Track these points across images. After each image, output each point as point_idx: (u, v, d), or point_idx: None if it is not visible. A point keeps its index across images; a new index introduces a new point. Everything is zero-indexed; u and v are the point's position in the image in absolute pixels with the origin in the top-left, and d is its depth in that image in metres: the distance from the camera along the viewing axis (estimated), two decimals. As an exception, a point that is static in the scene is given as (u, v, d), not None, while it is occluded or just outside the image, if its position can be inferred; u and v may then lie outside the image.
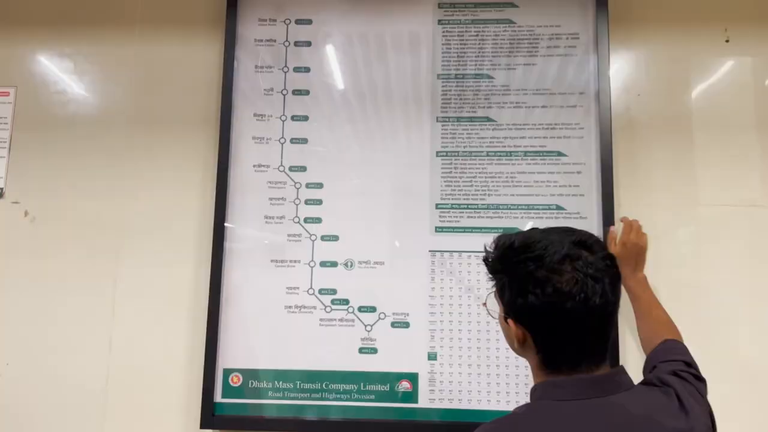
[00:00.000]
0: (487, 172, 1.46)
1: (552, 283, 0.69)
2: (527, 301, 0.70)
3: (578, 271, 0.69)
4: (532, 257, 0.71)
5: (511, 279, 0.74)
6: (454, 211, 1.45)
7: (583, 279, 0.69)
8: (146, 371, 1.46)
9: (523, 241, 0.74)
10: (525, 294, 0.71)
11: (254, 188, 1.49)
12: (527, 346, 0.76)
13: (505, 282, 0.75)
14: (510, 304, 0.74)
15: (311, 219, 1.47)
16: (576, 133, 1.47)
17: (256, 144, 1.51)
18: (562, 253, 0.70)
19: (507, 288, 0.74)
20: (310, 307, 1.44)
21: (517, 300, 0.72)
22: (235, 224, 1.48)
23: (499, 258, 0.76)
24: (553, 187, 1.45)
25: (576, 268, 0.70)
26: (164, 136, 1.57)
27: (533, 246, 0.72)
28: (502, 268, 0.76)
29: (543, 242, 0.72)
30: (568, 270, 0.69)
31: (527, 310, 0.71)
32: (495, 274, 0.78)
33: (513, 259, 0.73)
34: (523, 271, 0.71)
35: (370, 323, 1.42)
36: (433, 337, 1.41)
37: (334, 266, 1.45)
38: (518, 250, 0.73)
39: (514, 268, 0.73)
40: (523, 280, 0.71)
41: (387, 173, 1.48)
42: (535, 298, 0.70)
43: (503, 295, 0.76)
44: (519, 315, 0.74)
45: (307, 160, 1.50)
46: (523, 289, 0.71)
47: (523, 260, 0.72)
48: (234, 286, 1.45)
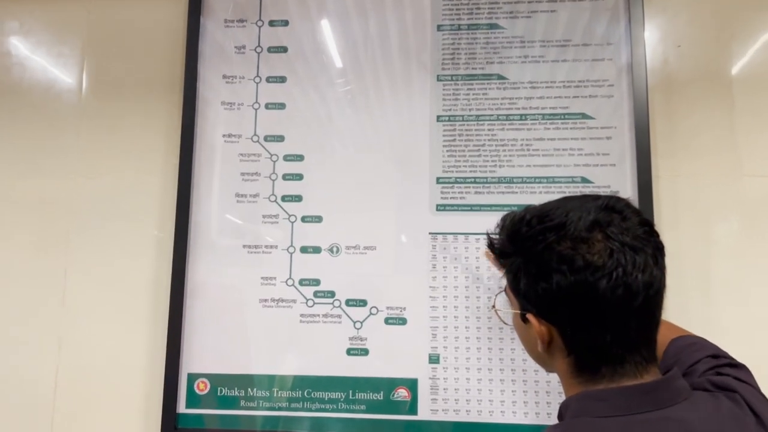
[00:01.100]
0: (498, 140, 1.23)
1: (581, 255, 0.56)
2: (551, 284, 0.57)
3: (612, 240, 0.56)
4: (552, 226, 0.58)
5: (528, 259, 0.60)
6: (459, 186, 1.22)
7: (620, 249, 0.56)
8: (100, 374, 1.26)
9: (538, 211, 0.61)
10: (548, 274, 0.57)
11: (224, 162, 1.27)
12: (555, 348, 0.61)
13: (519, 266, 0.61)
14: (529, 294, 0.60)
15: (290, 197, 1.25)
16: (604, 91, 1.23)
17: (225, 110, 1.29)
18: (589, 220, 0.57)
19: (523, 273, 0.61)
20: (289, 300, 1.22)
21: (537, 285, 0.59)
22: (202, 204, 1.26)
23: (510, 236, 0.63)
24: (577, 156, 1.21)
25: (609, 236, 0.57)
26: (121, 104, 1.37)
27: (551, 214, 0.59)
28: (513, 248, 0.62)
29: (562, 209, 0.59)
30: (599, 239, 0.56)
31: (552, 296, 0.57)
32: (505, 259, 0.64)
33: (527, 233, 0.60)
34: (542, 245, 0.58)
35: (359, 319, 1.20)
36: (434, 336, 1.18)
37: (317, 252, 1.23)
38: (532, 222, 0.60)
39: (529, 245, 0.60)
40: (543, 257, 0.58)
41: (379, 143, 1.25)
42: (561, 277, 0.56)
43: (518, 285, 0.62)
44: (542, 305, 0.60)
45: (285, 128, 1.28)
46: (544, 268, 0.58)
47: (541, 231, 0.59)
48: (200, 277, 1.24)
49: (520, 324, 0.64)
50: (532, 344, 0.63)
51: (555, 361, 0.62)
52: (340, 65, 1.29)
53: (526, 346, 0.67)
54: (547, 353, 0.62)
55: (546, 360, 0.63)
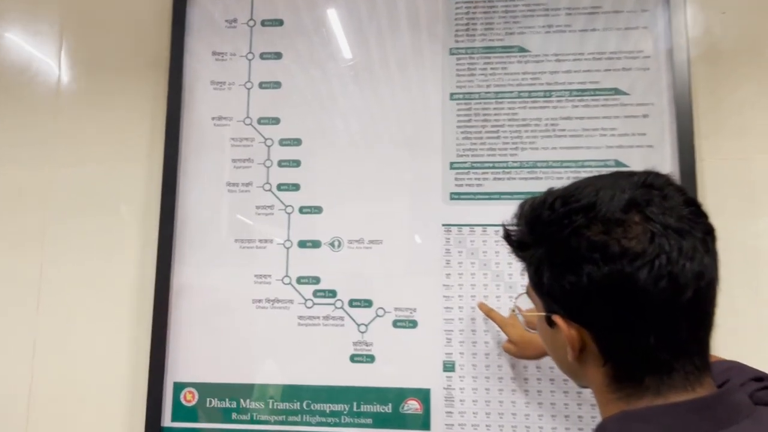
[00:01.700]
0: (519, 120, 1.10)
1: (616, 240, 0.48)
2: (581, 277, 0.48)
3: (652, 222, 0.48)
4: (579, 208, 0.50)
5: (551, 249, 0.51)
6: (476, 172, 1.09)
7: (662, 232, 0.48)
8: (78, 383, 1.15)
9: (561, 192, 0.53)
10: (576, 265, 0.49)
11: (213, 147, 1.15)
12: (587, 356, 0.52)
13: (541, 257, 0.52)
14: (554, 290, 0.52)
15: (286, 186, 1.13)
16: (639, 63, 1.09)
17: (215, 90, 1.17)
18: (624, 198, 0.49)
19: (546, 265, 0.52)
20: (286, 301, 1.09)
21: (564, 279, 0.50)
22: (189, 194, 1.14)
23: (529, 223, 0.54)
24: (610, 136, 1.08)
25: (648, 217, 0.48)
26: (102, 85, 1.26)
27: (578, 194, 0.51)
28: (534, 238, 0.53)
29: (591, 188, 0.51)
30: (637, 221, 0.48)
31: (582, 291, 0.49)
32: (525, 251, 0.55)
33: (550, 217, 0.52)
34: (568, 230, 0.50)
35: (364, 322, 1.07)
36: (449, 340, 1.05)
37: (316, 247, 1.10)
38: (555, 204, 0.52)
39: (553, 231, 0.51)
40: (569, 245, 0.49)
41: (385, 124, 1.12)
42: (592, 267, 0.48)
43: (541, 280, 0.53)
44: (570, 304, 0.51)
45: (280, 109, 1.15)
46: (571, 258, 0.49)
47: (566, 214, 0.50)
48: (187, 275, 1.11)
49: (545, 328, 0.55)
50: (560, 352, 0.54)
51: (588, 372, 0.53)
52: (342, 39, 1.16)
53: (553, 354, 0.58)
54: (578, 362, 0.52)
55: (577, 371, 0.54)
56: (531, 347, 0.92)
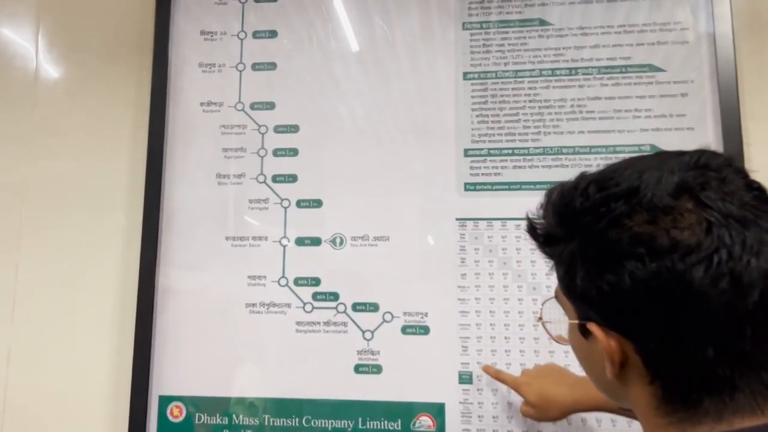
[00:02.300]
0: (542, 100, 0.98)
1: (664, 231, 0.40)
2: (622, 277, 0.41)
3: (709, 209, 0.41)
4: (620, 193, 0.43)
5: (586, 243, 0.44)
6: (493, 160, 0.98)
7: (721, 222, 0.40)
8: (55, 395, 1.05)
9: (597, 176, 0.45)
10: (616, 263, 0.41)
11: (202, 135, 1.05)
12: (630, 372, 0.44)
13: (573, 254, 0.45)
14: (589, 293, 0.44)
15: (283, 177, 1.02)
16: (676, 36, 0.97)
17: (204, 73, 1.06)
18: (674, 181, 0.42)
19: (580, 263, 0.44)
20: (283, 304, 0.98)
21: (602, 279, 0.42)
22: (176, 188, 1.04)
23: (559, 213, 0.47)
24: (644, 118, 0.96)
25: (704, 204, 0.41)
26: (82, 71, 1.16)
27: (617, 177, 0.44)
28: (564, 231, 0.46)
29: (632, 169, 0.44)
30: (690, 208, 0.41)
31: (624, 294, 0.41)
32: (553, 247, 0.48)
33: (583, 205, 0.44)
34: (606, 220, 0.42)
35: (370, 328, 0.96)
36: (465, 349, 0.93)
37: (316, 244, 0.99)
38: (590, 190, 0.44)
39: (588, 222, 0.44)
40: (608, 238, 0.42)
41: (392, 108, 1.01)
42: (636, 265, 0.40)
43: (573, 282, 0.45)
44: (609, 309, 0.43)
45: (276, 93, 1.04)
46: (610, 254, 0.42)
47: (603, 201, 0.43)
48: (174, 277, 1.01)
49: (578, 340, 0.47)
50: (596, 368, 0.46)
51: (631, 392, 0.45)
52: (343, 14, 1.05)
53: (588, 370, 0.49)
54: (619, 380, 0.45)
55: (618, 390, 0.46)
56: (553, 407, 0.79)
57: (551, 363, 0.85)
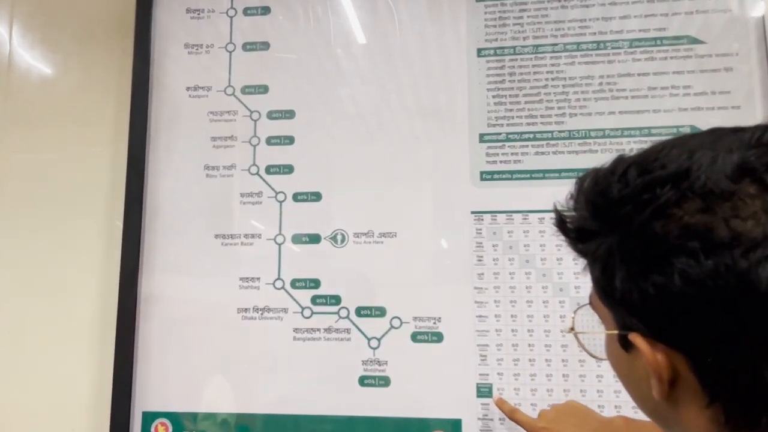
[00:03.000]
0: (566, 78, 0.88)
1: (723, 221, 0.34)
2: (671, 277, 0.34)
3: None
4: (666, 176, 0.36)
5: (627, 238, 0.37)
6: (512, 146, 0.87)
7: None
8: (29, 413, 0.96)
9: (638, 157, 0.38)
10: (664, 260, 0.35)
11: (188, 123, 0.95)
12: (683, 392, 0.37)
13: (612, 251, 0.37)
14: (630, 298, 0.37)
15: (277, 168, 0.92)
16: (716, 3, 0.87)
17: (190, 55, 0.97)
18: (733, 162, 0.35)
19: (619, 262, 0.37)
20: (279, 309, 0.88)
21: (646, 281, 0.35)
22: (160, 181, 0.94)
23: (593, 203, 0.39)
24: (683, 96, 0.85)
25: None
26: (58, 55, 1.07)
27: (663, 158, 0.37)
28: (600, 223, 0.39)
29: (681, 149, 0.37)
30: (753, 192, 0.34)
31: (674, 298, 0.34)
32: (587, 243, 0.40)
33: (623, 192, 0.37)
34: (651, 209, 0.35)
35: (376, 335, 0.86)
36: (484, 358, 0.83)
37: (314, 242, 0.89)
38: (630, 174, 0.37)
39: (629, 212, 0.36)
40: (654, 231, 0.35)
41: (398, 89, 0.91)
42: (690, 262, 0.33)
43: (612, 284, 0.38)
44: (656, 317, 0.36)
45: (269, 75, 0.95)
46: (657, 250, 0.35)
47: (647, 187, 0.36)
48: (158, 280, 0.91)
49: (618, 354, 0.41)
50: (641, 387, 0.40)
51: (683, 416, 0.38)
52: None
53: (630, 390, 0.42)
54: (668, 402, 0.38)
55: (667, 414, 0.39)
56: None
57: (572, 401, 0.75)
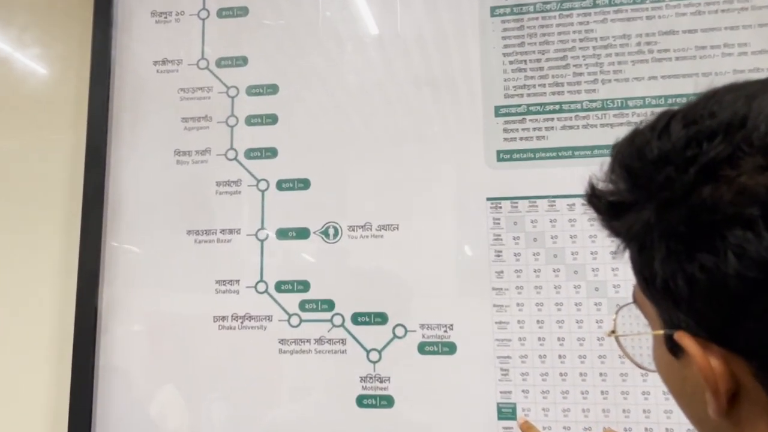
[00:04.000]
0: (597, 38, 0.74)
1: None
2: (725, 256, 0.27)
3: None
4: (716, 127, 0.28)
5: (666, 206, 0.29)
6: (534, 119, 0.74)
7: None
8: None
9: (686, 107, 0.31)
10: (713, 236, 0.27)
11: (156, 102, 0.82)
12: (746, 406, 0.29)
13: (650, 224, 0.30)
14: (675, 286, 0.29)
15: (259, 151, 0.79)
16: (777, -54, 0.72)
17: (158, 24, 0.84)
18: None
19: (658, 239, 0.30)
20: (262, 317, 0.75)
21: (692, 262, 0.28)
22: (124, 170, 0.81)
23: (628, 167, 0.32)
24: (738, 56, 0.72)
25: None
26: (9, 29, 0.93)
27: (713, 105, 0.29)
28: (637, 192, 0.31)
29: (735, 95, 0.29)
30: None
31: (728, 285, 0.27)
32: (621, 219, 0.32)
33: (663, 149, 0.30)
34: (695, 169, 0.28)
35: (376, 347, 0.72)
36: (506, 372, 0.69)
37: (303, 238, 0.76)
38: (673, 127, 0.30)
39: (669, 174, 0.29)
40: (700, 197, 0.28)
41: (398, 56, 0.78)
42: (748, 237, 0.26)
43: (651, 269, 0.30)
44: (706, 310, 0.29)
45: (248, 44, 0.81)
46: (704, 223, 0.28)
47: (691, 141, 0.29)
48: (122, 285, 0.78)
49: (667, 360, 0.32)
50: (695, 402, 0.31)
51: None
52: (331, -59, 0.82)
53: (684, 406, 0.33)
54: (728, 419, 0.29)
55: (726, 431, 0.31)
56: None
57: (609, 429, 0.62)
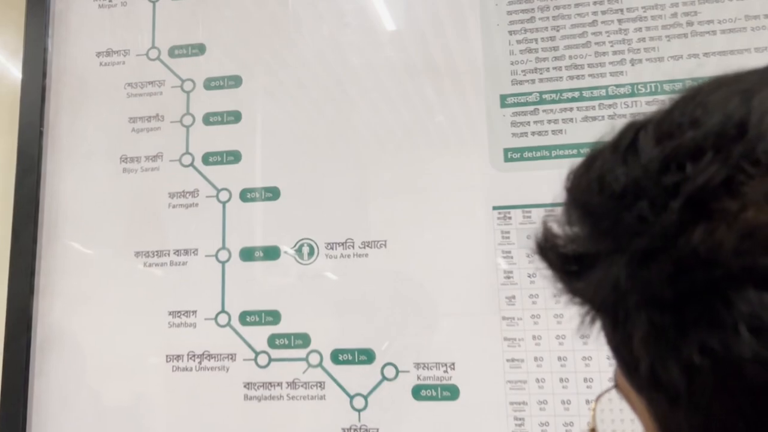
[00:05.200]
0: (623, 10, 0.62)
1: None
2: (736, 334, 0.16)
3: None
4: (703, 139, 0.19)
5: (642, 259, 0.19)
6: (549, 110, 0.61)
7: None
8: None
9: (663, 113, 0.21)
10: (715, 303, 0.17)
11: (99, 100, 0.70)
12: None
13: (619, 283, 0.19)
14: (666, 376, 0.18)
15: (219, 156, 0.66)
16: None
17: (101, 9, 0.72)
18: None
19: (634, 306, 0.19)
20: (224, 356, 0.62)
21: (687, 343, 0.18)
22: (62, 180, 0.69)
23: (584, 205, 0.22)
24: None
25: None
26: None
27: (698, 110, 0.19)
28: (599, 239, 0.21)
29: (732, 88, 0.20)
30: None
31: (746, 377, 0.16)
32: (585, 278, 0.21)
33: (632, 175, 0.20)
34: (679, 203, 0.18)
35: (362, 391, 0.59)
36: (520, 422, 0.56)
37: (272, 258, 0.63)
38: (642, 144, 0.20)
39: (644, 212, 0.19)
40: (687, 243, 0.17)
41: (385, 37, 0.65)
42: (763, 300, 0.16)
43: (629, 350, 0.20)
44: (715, 414, 0.18)
45: (205, 28, 0.70)
46: (698, 283, 0.17)
47: (668, 161, 0.19)
48: (58, 315, 0.66)
49: None
50: None
51: None
52: None
53: None
54: None
55: None
56: None
57: None
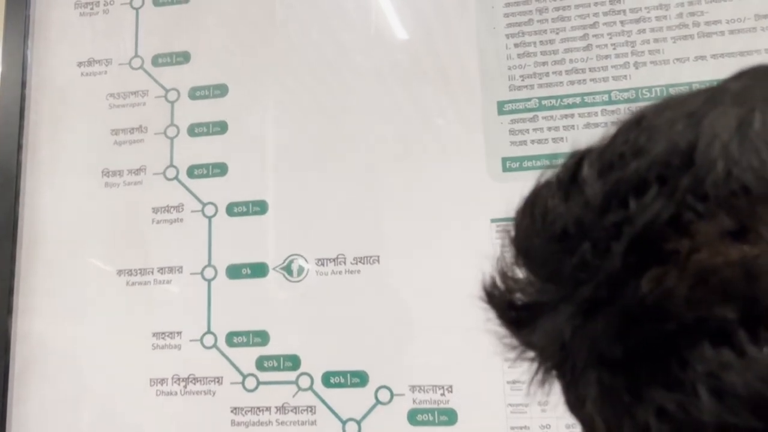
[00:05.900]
0: (626, 10, 0.60)
1: None
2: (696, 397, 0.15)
3: None
4: (647, 169, 0.17)
5: (588, 312, 0.17)
6: (549, 116, 0.58)
7: None
8: None
9: (606, 141, 0.19)
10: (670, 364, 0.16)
11: (80, 111, 0.69)
12: None
13: (565, 339, 0.18)
14: None
15: (205, 168, 0.64)
16: None
17: (82, 17, 0.70)
18: None
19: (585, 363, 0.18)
20: (209, 379, 0.59)
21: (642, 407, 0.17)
22: (40, 194, 0.66)
23: (526, 251, 0.20)
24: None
25: None
26: None
27: (641, 136, 0.18)
28: (545, 287, 0.19)
29: (679, 110, 0.18)
30: None
31: None
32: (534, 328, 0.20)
33: (575, 214, 0.18)
34: (623, 249, 0.17)
35: (355, 416, 0.56)
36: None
37: (259, 275, 0.60)
38: (586, 178, 0.18)
39: (587, 258, 0.18)
40: (638, 296, 0.16)
41: (374, 41, 0.62)
42: (730, 361, 0.15)
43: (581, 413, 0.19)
44: None
45: (190, 37, 0.67)
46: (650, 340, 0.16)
47: (611, 197, 0.18)
48: (37, 336, 0.63)
49: None
50: None
51: None
52: None
53: None
54: None
55: None
56: None
57: None
